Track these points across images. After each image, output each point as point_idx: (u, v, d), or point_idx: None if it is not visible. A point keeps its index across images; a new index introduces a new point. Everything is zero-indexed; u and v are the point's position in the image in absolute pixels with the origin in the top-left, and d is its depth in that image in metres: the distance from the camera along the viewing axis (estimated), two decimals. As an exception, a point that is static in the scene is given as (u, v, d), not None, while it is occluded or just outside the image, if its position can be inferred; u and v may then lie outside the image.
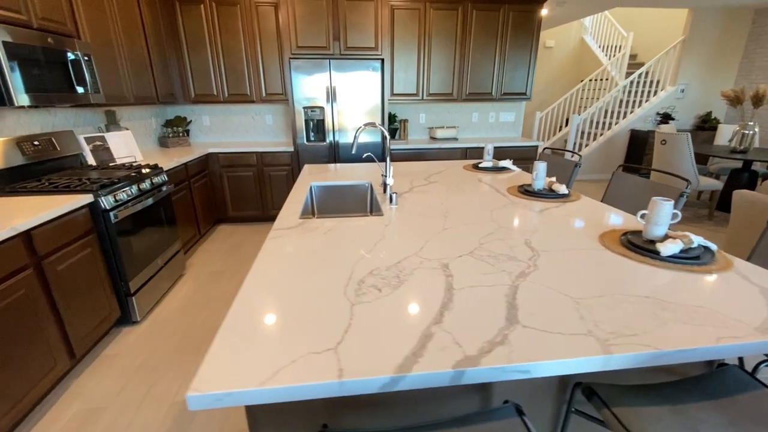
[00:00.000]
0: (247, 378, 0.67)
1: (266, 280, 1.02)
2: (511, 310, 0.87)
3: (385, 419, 0.98)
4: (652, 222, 1.20)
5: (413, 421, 1.00)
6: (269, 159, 3.73)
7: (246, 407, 0.97)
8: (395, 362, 0.70)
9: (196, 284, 2.72)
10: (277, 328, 0.81)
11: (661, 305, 0.89)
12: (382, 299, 0.91)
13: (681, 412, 0.86)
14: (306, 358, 0.72)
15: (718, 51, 5.63)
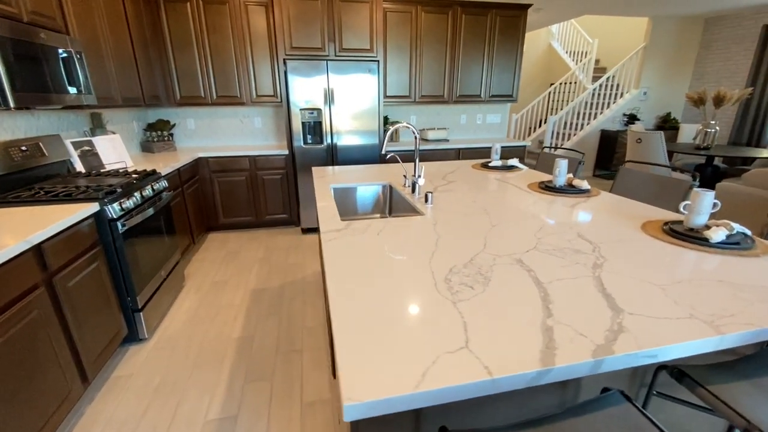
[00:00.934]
0: (397, 383, 0.64)
1: (351, 283, 0.98)
2: (609, 300, 0.89)
3: (482, 419, 0.97)
4: (695, 212, 1.28)
5: (507, 419, 1.00)
6: (263, 163, 3.61)
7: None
8: (533, 356, 0.70)
9: (199, 295, 2.57)
10: (395, 329, 0.78)
11: (737, 287, 0.95)
12: (480, 296, 0.91)
13: (760, 385, 0.92)
14: (444, 358, 0.69)
15: (675, 57, 6.12)
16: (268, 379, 1.81)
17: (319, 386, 1.76)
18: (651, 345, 0.73)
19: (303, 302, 2.47)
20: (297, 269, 2.94)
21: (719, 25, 5.78)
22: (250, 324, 2.24)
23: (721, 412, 0.86)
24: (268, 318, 2.30)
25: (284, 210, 3.81)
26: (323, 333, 2.15)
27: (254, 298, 2.53)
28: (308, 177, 3.56)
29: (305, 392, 1.72)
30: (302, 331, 2.17)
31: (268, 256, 3.21)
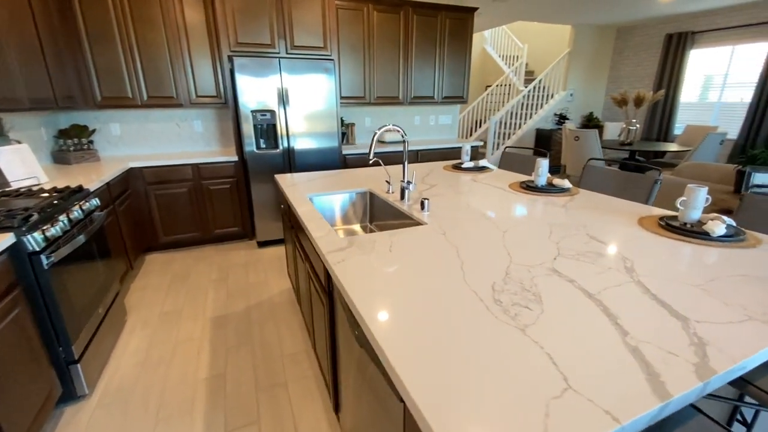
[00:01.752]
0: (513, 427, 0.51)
1: (387, 312, 0.83)
2: (667, 307, 0.85)
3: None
4: (691, 207, 1.34)
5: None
6: (208, 171, 3.22)
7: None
8: (642, 388, 0.61)
9: (147, 331, 2.18)
10: (470, 367, 0.65)
11: (763, 281, 0.97)
12: (542, 318, 0.81)
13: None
14: (555, 406, 0.58)
15: (594, 62, 6.77)
16: (254, 422, 1.56)
17: (315, 422, 1.56)
18: (739, 356, 0.69)
19: (276, 326, 2.22)
20: (261, 289, 2.66)
21: (629, 33, 6.51)
22: (218, 359, 1.94)
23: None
24: (239, 349, 2.02)
25: (235, 223, 3.45)
26: (307, 359, 1.94)
27: (216, 327, 2.22)
28: (263, 185, 3.25)
29: (301, 431, 1.51)
30: (282, 360, 1.93)
31: (224, 276, 2.86)
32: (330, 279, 1.28)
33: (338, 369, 1.38)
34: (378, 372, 0.87)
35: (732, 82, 5.35)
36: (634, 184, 2.07)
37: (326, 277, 1.28)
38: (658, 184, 1.98)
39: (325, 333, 1.43)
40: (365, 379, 0.99)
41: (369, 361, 0.93)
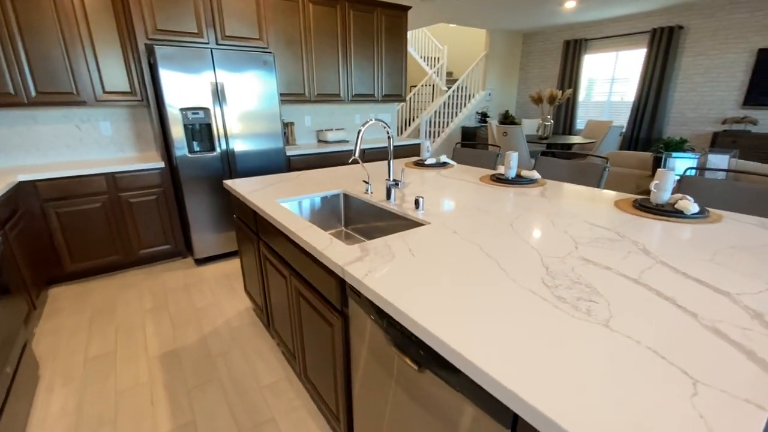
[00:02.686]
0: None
1: (456, 324, 0.72)
2: (706, 284, 0.89)
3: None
4: (663, 189, 1.47)
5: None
6: (127, 182, 2.71)
7: None
8: (750, 367, 0.61)
9: (73, 386, 1.73)
10: (585, 371, 0.58)
11: (751, 251, 1.09)
12: (615, 310, 0.79)
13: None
14: (697, 396, 0.54)
15: (507, 64, 7.37)
16: (246, 475, 1.31)
17: (319, 459, 1.37)
18: (794, 323, 0.74)
19: (243, 355, 1.93)
20: (213, 313, 2.31)
21: (534, 39, 7.22)
22: (180, 406, 1.62)
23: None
24: (204, 389, 1.71)
25: (166, 240, 2.96)
26: (291, 388, 1.71)
27: (168, 367, 1.85)
28: (199, 194, 2.84)
29: (306, 474, 1.32)
30: (261, 394, 1.68)
31: (161, 303, 2.43)
32: (345, 296, 1.12)
33: (353, 394, 1.22)
34: (454, 394, 0.76)
35: (618, 82, 6.27)
36: (585, 172, 2.25)
37: (340, 294, 1.12)
38: (606, 171, 2.17)
39: (333, 357, 1.26)
40: (419, 403, 0.87)
41: (432, 384, 0.81)
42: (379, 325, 0.96)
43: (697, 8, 5.12)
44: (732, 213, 1.46)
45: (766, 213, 1.53)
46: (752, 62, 4.78)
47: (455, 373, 0.73)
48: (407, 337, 0.85)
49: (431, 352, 0.78)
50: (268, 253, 1.68)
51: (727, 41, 4.94)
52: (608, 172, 2.19)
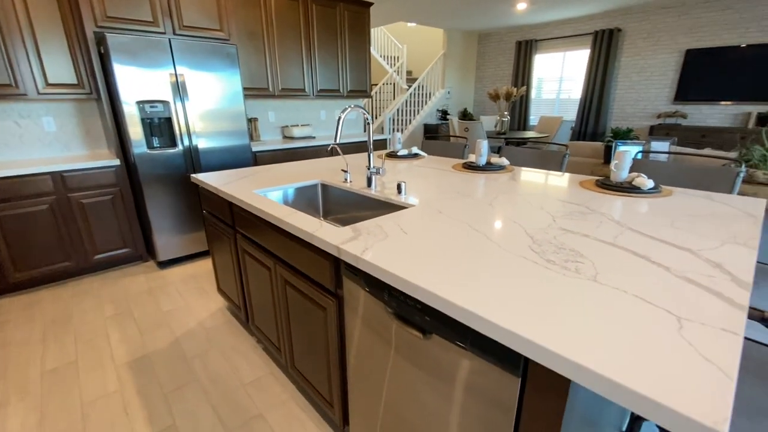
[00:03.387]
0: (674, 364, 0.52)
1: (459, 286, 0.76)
2: (671, 245, 0.99)
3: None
4: (621, 168, 1.60)
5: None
6: (77, 181, 2.50)
7: None
8: (718, 303, 0.70)
9: (31, 401, 1.57)
10: (583, 320, 0.64)
11: (703, 217, 1.23)
12: (600, 267, 0.86)
13: None
14: (683, 329, 0.61)
15: (464, 63, 7.62)
16: (238, 471, 1.27)
17: (313, 448, 1.36)
18: (745, 269, 0.85)
19: (222, 354, 1.86)
20: (183, 316, 2.19)
21: (488, 39, 7.52)
22: (157, 411, 1.52)
23: None
24: (183, 392, 1.62)
25: (124, 243, 2.77)
26: (276, 382, 1.67)
27: (139, 373, 1.74)
28: (161, 193, 2.68)
29: (301, 464, 1.30)
30: (245, 391, 1.63)
31: (124, 310, 2.27)
32: (339, 277, 1.12)
33: (347, 376, 1.22)
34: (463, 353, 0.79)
35: (566, 81, 6.70)
36: (547, 159, 2.39)
37: (334, 275, 1.12)
38: (566, 158, 2.33)
39: (325, 342, 1.25)
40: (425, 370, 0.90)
41: (439, 348, 0.84)
42: (378, 299, 0.98)
43: (633, 12, 5.60)
44: (679, 188, 1.63)
45: (705, 187, 1.72)
46: (681, 62, 5.31)
47: (463, 332, 0.76)
48: (411, 306, 0.87)
49: (438, 316, 0.81)
50: (248, 246, 1.63)
51: (659, 43, 5.45)
52: (568, 158, 2.34)
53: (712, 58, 5.07)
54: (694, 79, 5.24)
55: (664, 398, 0.49)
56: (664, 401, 0.48)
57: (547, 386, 0.64)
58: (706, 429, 0.45)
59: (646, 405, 0.50)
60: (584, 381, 0.55)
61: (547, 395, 0.64)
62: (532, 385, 0.66)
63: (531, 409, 0.68)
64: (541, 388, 0.65)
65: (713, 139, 5.03)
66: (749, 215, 1.24)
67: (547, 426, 0.66)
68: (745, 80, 4.91)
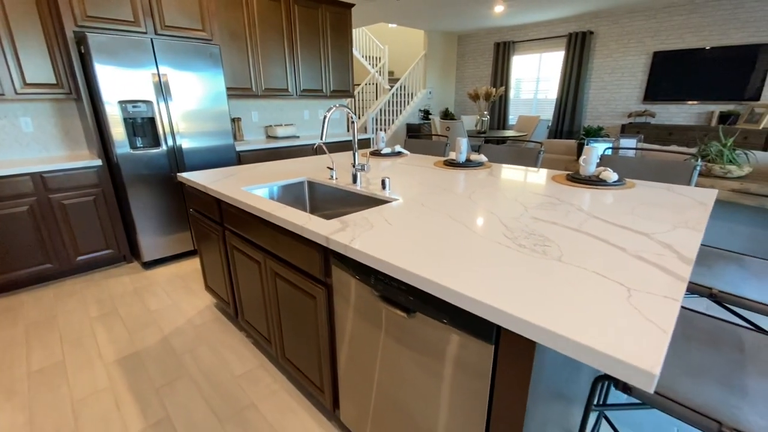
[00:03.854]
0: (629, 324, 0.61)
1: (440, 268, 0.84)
2: (630, 229, 1.10)
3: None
4: (589, 163, 1.72)
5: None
6: (59, 182, 2.48)
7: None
8: (665, 277, 0.80)
9: (18, 400, 1.58)
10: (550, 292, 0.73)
11: (659, 206, 1.35)
12: (565, 249, 0.95)
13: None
14: (631, 297, 0.71)
15: (444, 64, 7.76)
16: (232, 457, 1.32)
17: (307, 430, 1.42)
18: (692, 248, 0.96)
19: (212, 349, 1.89)
20: (171, 314, 2.21)
21: (467, 41, 7.69)
22: (150, 405, 1.55)
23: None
24: (174, 386, 1.65)
25: (107, 244, 2.75)
26: (267, 374, 1.72)
27: (129, 370, 1.76)
28: (145, 193, 2.67)
29: (293, 448, 1.36)
30: (238, 383, 1.67)
31: (109, 310, 2.26)
32: (328, 266, 1.18)
33: (337, 360, 1.29)
34: (442, 327, 0.87)
35: (543, 82, 6.93)
36: (523, 156, 2.51)
37: (323, 265, 1.18)
38: (541, 154, 2.45)
39: (315, 329, 1.31)
40: (410, 348, 0.97)
41: (422, 325, 0.92)
42: (365, 284, 1.05)
43: (604, 15, 5.84)
44: (643, 181, 1.76)
45: (666, 180, 1.86)
46: (649, 63, 5.58)
47: (443, 309, 0.84)
48: (396, 288, 0.95)
49: (420, 295, 0.89)
50: (237, 242, 1.67)
51: (629, 45, 5.71)
52: (543, 155, 2.47)
53: (677, 59, 5.35)
54: (661, 80, 5.51)
55: (611, 350, 0.58)
56: (611, 353, 0.57)
57: (516, 351, 0.73)
58: (642, 372, 0.54)
59: (597, 357, 0.59)
60: (546, 341, 0.64)
61: (516, 359, 0.73)
62: (504, 352, 0.75)
63: (503, 373, 0.76)
64: (510, 354, 0.74)
65: (679, 137, 5.31)
66: (701, 203, 1.37)
67: (518, 387, 0.74)
68: (708, 81, 5.21)
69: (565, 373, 0.93)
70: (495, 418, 0.81)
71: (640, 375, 0.54)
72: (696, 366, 0.85)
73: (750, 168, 2.39)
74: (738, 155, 2.41)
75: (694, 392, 0.77)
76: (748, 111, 4.91)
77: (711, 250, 1.54)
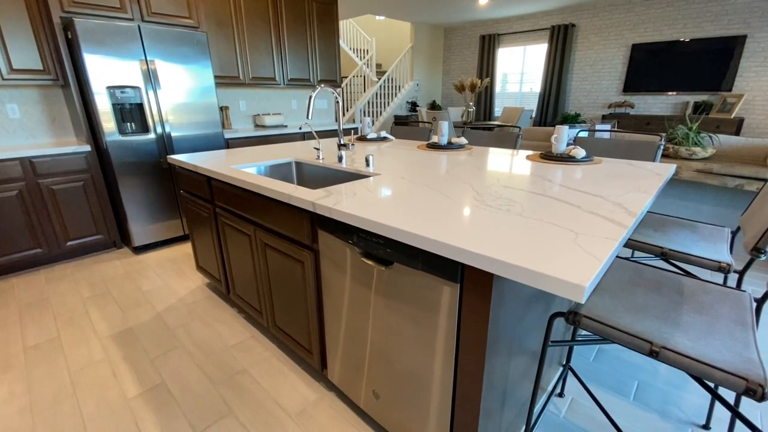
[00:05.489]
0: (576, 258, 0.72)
1: (418, 222, 0.93)
2: (589, 194, 1.22)
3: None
4: (560, 141, 1.84)
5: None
6: (47, 167, 2.50)
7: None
8: (611, 226, 0.91)
9: (16, 372, 1.63)
10: (519, 237, 0.83)
11: (620, 176, 1.47)
12: (526, 207, 1.06)
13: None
14: (578, 239, 0.81)
15: (431, 56, 7.85)
16: (227, 415, 1.40)
17: (297, 391, 1.51)
18: (638, 208, 1.08)
19: (205, 324, 1.97)
20: (163, 294, 2.27)
21: (453, 33, 7.78)
22: (145, 372, 1.63)
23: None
24: (168, 356, 1.73)
25: (97, 229, 2.78)
26: (258, 344, 1.81)
27: (124, 343, 1.83)
28: (135, 179, 2.71)
29: (288, 405, 1.45)
30: (230, 352, 1.75)
31: (102, 292, 2.31)
32: (314, 231, 1.27)
33: (324, 323, 1.38)
34: (417, 274, 0.97)
35: (527, 75, 7.07)
36: (502, 139, 2.62)
37: (310, 230, 1.27)
38: (520, 138, 2.57)
39: (304, 293, 1.40)
40: (390, 297, 1.07)
41: (399, 275, 1.02)
42: (348, 242, 1.14)
43: (585, 8, 6.00)
44: (610, 158, 1.88)
45: (634, 158, 1.99)
46: (628, 55, 5.76)
47: (416, 256, 0.94)
48: (375, 242, 1.04)
49: (396, 246, 0.98)
50: (228, 218, 1.74)
51: (609, 38, 5.87)
52: (521, 138, 2.58)
53: (655, 51, 5.54)
54: (639, 72, 5.70)
55: (555, 273, 0.68)
56: (553, 274, 0.68)
57: (477, 287, 0.83)
58: (575, 286, 0.65)
59: (541, 279, 0.69)
60: (501, 271, 0.74)
61: (477, 294, 0.83)
62: (467, 288, 0.85)
63: (467, 308, 0.87)
64: (472, 289, 0.84)
65: (656, 126, 5.51)
66: (657, 174, 1.50)
67: (479, 320, 0.85)
68: (684, 72, 5.41)
69: (521, 314, 1.04)
70: (462, 352, 0.92)
71: (574, 289, 0.65)
72: (639, 306, 0.97)
73: (713, 150, 2.55)
74: (702, 138, 2.57)
75: (634, 323, 0.89)
76: (721, 101, 5.12)
77: (668, 218, 1.67)
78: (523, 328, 1.07)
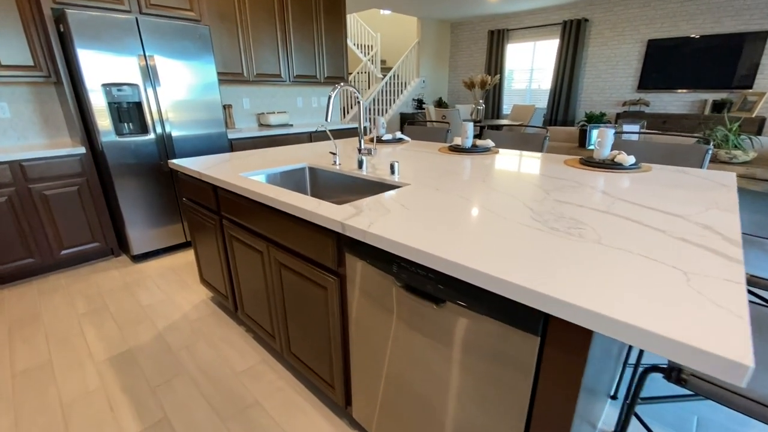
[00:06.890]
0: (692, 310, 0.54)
1: (476, 253, 0.76)
2: (661, 212, 1.04)
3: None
4: (604, 146, 1.66)
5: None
6: (39, 171, 2.32)
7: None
8: (716, 258, 0.74)
9: (3, 405, 1.46)
10: (601, 275, 0.66)
11: (683, 187, 1.29)
12: (601, 232, 0.89)
13: None
14: (690, 281, 0.64)
15: (438, 52, 7.64)
16: (238, 459, 1.24)
17: (319, 429, 1.34)
18: (734, 229, 0.91)
19: (211, 345, 1.80)
20: (165, 309, 2.10)
21: (461, 28, 7.57)
22: (146, 405, 1.46)
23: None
24: (172, 384, 1.56)
25: (93, 236, 2.61)
26: (270, 370, 1.64)
27: (122, 368, 1.66)
28: (133, 182, 2.53)
29: (302, 447, 1.28)
30: (239, 380, 1.58)
31: (99, 306, 2.14)
32: (341, 255, 1.10)
33: (350, 357, 1.21)
34: (479, 318, 0.80)
35: (536, 71, 6.87)
36: (528, 141, 2.45)
37: (336, 253, 1.10)
38: (547, 140, 2.39)
39: (327, 322, 1.23)
40: (436, 339, 0.90)
41: (453, 315, 0.85)
42: (386, 273, 0.97)
43: (599, 3, 5.79)
44: (656, 164, 1.71)
45: (676, 164, 1.82)
46: (643, 52, 5.56)
47: (478, 297, 0.77)
48: (423, 276, 0.87)
49: (451, 284, 0.81)
50: (236, 231, 1.57)
51: (624, 33, 5.67)
52: (548, 141, 2.40)
53: (671, 48, 5.34)
54: (655, 69, 5.50)
55: (692, 340, 0.51)
56: (694, 343, 0.51)
57: (568, 343, 0.66)
58: (733, 364, 0.48)
59: (673, 347, 0.52)
60: (606, 330, 0.57)
61: (568, 351, 0.66)
62: (552, 343, 0.68)
63: (550, 367, 0.70)
64: (561, 345, 0.67)
65: (674, 125, 5.33)
66: (723, 185, 1.32)
67: (568, 382, 0.68)
68: (701, 69, 5.22)
69: (605, 364, 0.87)
70: (538, 415, 0.74)
71: (730, 367, 0.48)
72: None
73: (755, 153, 2.38)
74: (743, 140, 2.39)
75: (754, 382, 0.72)
76: (741, 99, 4.94)
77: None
78: (604, 378, 0.90)
